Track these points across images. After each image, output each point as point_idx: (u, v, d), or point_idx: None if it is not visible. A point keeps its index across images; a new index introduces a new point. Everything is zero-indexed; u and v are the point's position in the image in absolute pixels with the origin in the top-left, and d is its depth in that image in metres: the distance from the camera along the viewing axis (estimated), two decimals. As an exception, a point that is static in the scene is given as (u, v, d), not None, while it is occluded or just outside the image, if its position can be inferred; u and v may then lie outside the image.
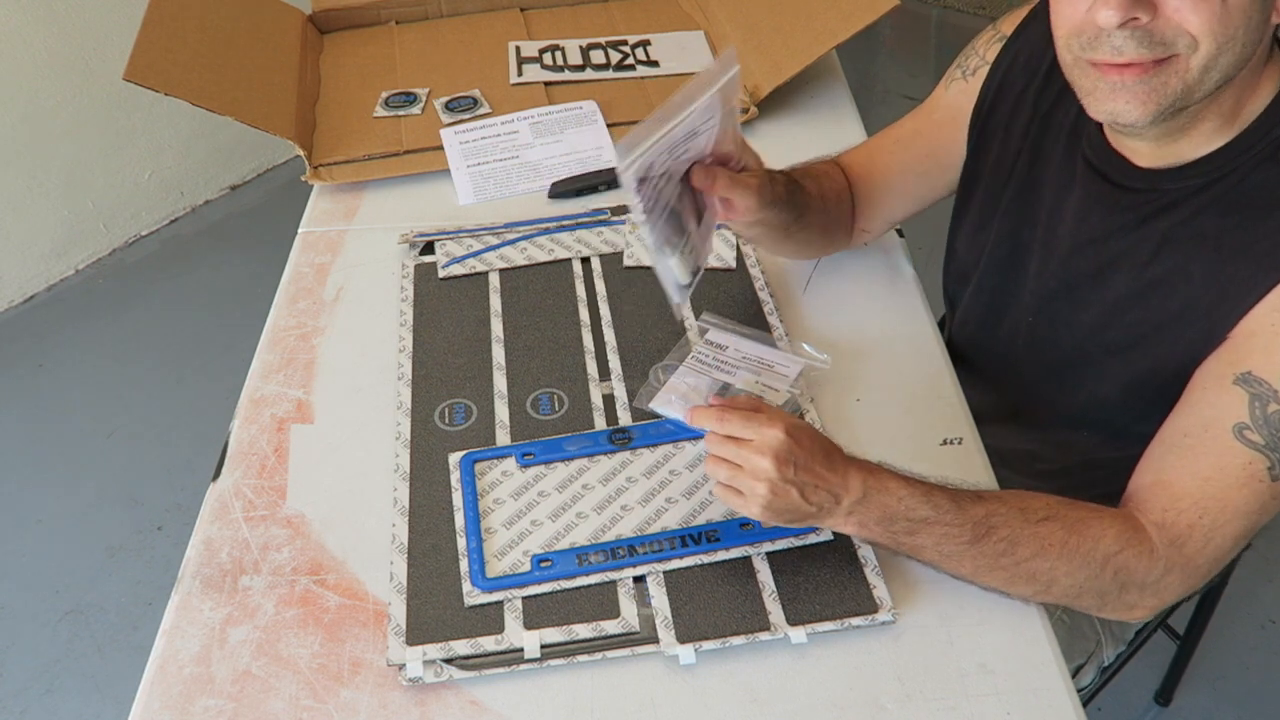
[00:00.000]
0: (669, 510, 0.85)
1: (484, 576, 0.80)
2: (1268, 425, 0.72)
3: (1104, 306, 0.86)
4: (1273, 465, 0.73)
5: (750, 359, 0.96)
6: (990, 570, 0.75)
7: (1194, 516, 0.74)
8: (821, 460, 0.73)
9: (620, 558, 0.81)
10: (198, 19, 1.33)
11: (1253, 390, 0.73)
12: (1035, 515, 0.74)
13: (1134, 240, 0.83)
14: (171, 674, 0.77)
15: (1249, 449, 0.73)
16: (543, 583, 0.80)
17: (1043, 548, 0.73)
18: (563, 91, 1.39)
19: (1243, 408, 0.73)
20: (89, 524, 1.91)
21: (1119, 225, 0.84)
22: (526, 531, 0.84)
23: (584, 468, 0.89)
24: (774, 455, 0.71)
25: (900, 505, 0.73)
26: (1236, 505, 0.73)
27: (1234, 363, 0.75)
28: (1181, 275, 0.80)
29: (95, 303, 2.40)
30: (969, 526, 0.73)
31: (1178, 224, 0.80)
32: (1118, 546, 0.74)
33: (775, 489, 0.72)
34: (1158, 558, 0.74)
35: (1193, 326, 0.79)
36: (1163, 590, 0.76)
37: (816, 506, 0.73)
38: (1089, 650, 1.04)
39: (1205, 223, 0.79)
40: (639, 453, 0.90)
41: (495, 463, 0.90)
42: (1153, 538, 0.74)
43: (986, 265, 0.99)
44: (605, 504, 0.86)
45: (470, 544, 0.83)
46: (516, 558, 0.82)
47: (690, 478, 0.87)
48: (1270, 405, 0.72)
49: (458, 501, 0.87)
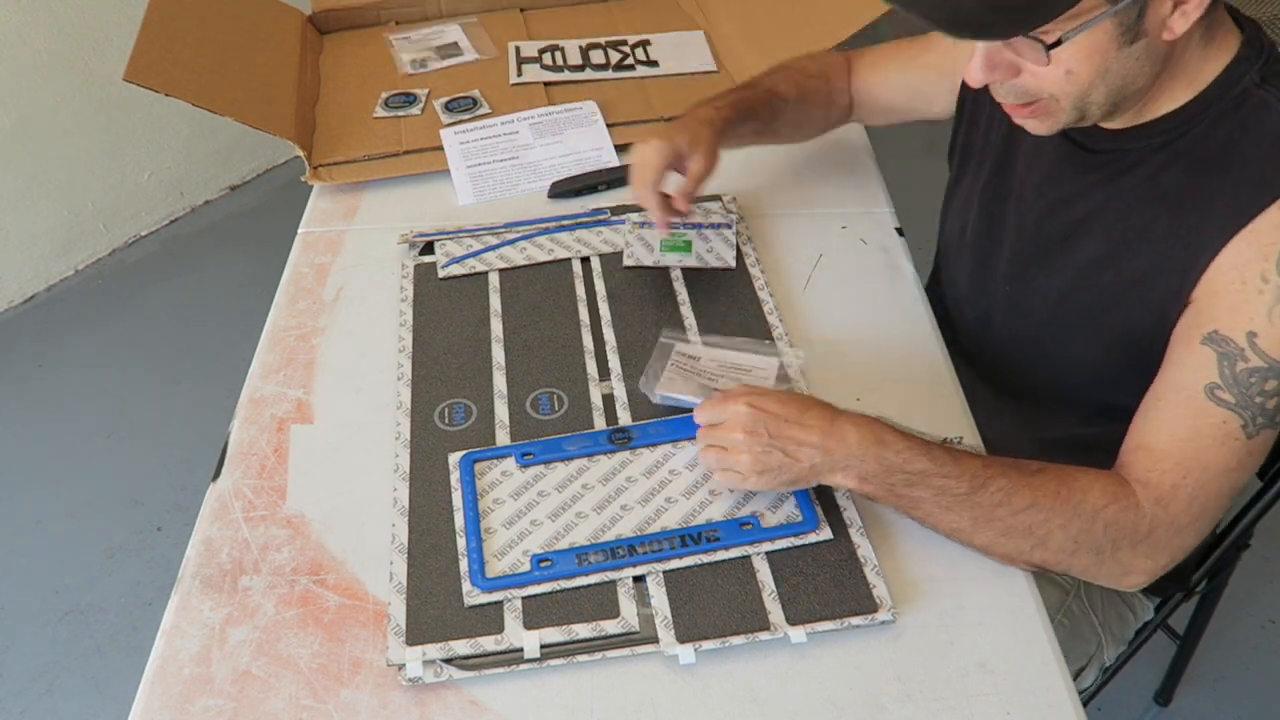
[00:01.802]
0: (669, 510, 0.85)
1: (484, 576, 0.80)
2: (1237, 384, 0.73)
3: (1075, 270, 0.88)
4: (1246, 423, 0.74)
5: (726, 365, 0.96)
6: (988, 522, 0.76)
7: (1177, 477, 0.75)
8: (795, 417, 0.77)
9: (620, 558, 0.81)
10: (198, 19, 1.33)
11: (1220, 349, 0.74)
12: (1028, 468, 0.77)
13: (1100, 200, 0.85)
14: (171, 674, 0.77)
15: (1222, 408, 0.74)
16: (542, 583, 0.80)
17: (1037, 498, 0.75)
18: (563, 91, 1.39)
19: (1212, 367, 0.74)
20: (89, 524, 1.91)
21: (1086, 186, 0.86)
22: (526, 531, 0.84)
23: (584, 467, 0.89)
24: (741, 427, 0.77)
25: (898, 458, 0.75)
26: (1216, 464, 0.75)
27: (1201, 323, 0.76)
28: (1147, 235, 0.81)
29: (95, 303, 2.40)
30: (966, 478, 0.75)
31: (1142, 182, 0.82)
32: (1105, 500, 0.75)
33: (756, 456, 0.77)
34: (1144, 513, 0.75)
35: (1160, 286, 0.80)
36: (1154, 548, 0.76)
37: (809, 463, 0.76)
38: (1089, 652, 1.04)
39: (1167, 180, 0.80)
40: (639, 452, 0.90)
41: (495, 463, 0.90)
42: (1138, 494, 0.76)
43: (971, 237, 1.01)
44: (605, 504, 0.86)
45: (470, 544, 0.83)
46: (516, 558, 0.82)
47: (690, 477, 0.87)
48: (1239, 363, 0.73)
49: (457, 501, 0.87)
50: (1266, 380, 0.73)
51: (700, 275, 1.09)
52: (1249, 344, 0.73)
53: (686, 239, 1.11)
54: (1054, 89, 0.74)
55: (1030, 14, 0.67)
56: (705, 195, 1.19)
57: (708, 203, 1.18)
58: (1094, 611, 1.04)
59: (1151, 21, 0.70)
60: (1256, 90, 0.76)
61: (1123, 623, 1.08)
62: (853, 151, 1.28)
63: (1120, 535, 0.76)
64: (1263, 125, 0.76)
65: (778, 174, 1.24)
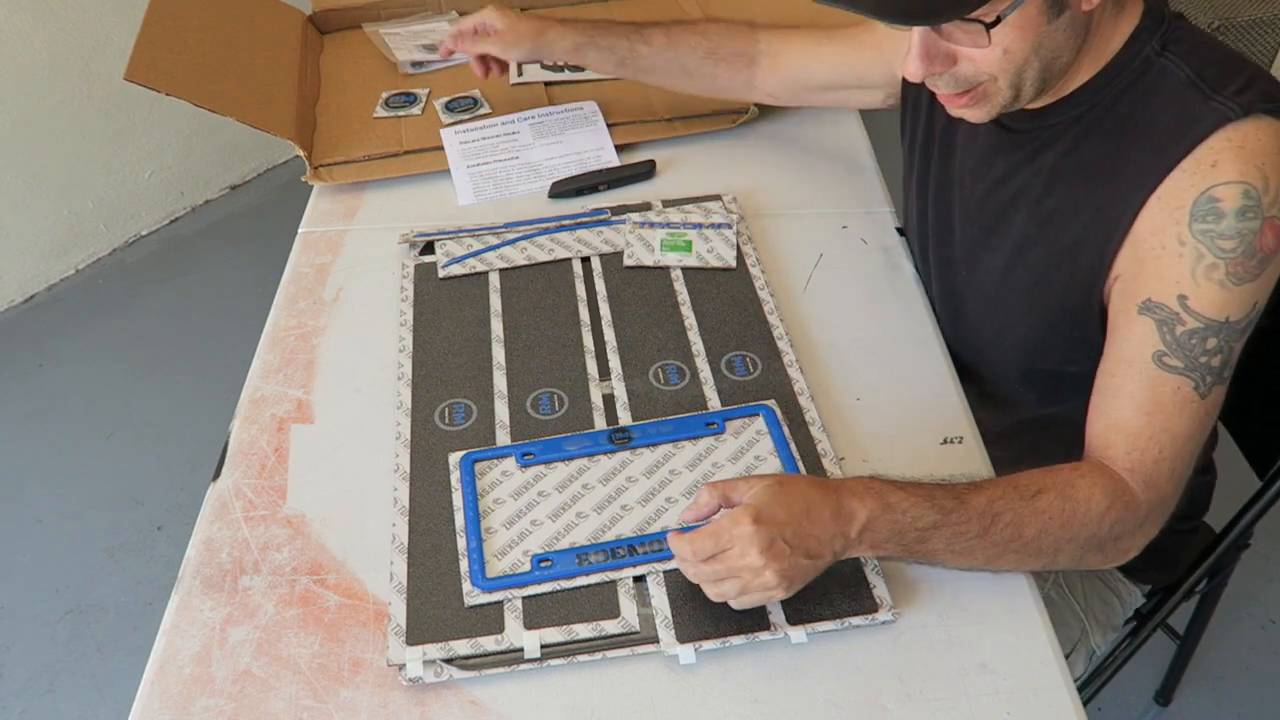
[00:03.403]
0: (669, 510, 0.85)
1: (484, 576, 0.80)
2: (1180, 347, 0.75)
3: (1011, 247, 0.90)
4: (1197, 383, 0.75)
5: None
6: (1002, 555, 0.76)
7: (1155, 452, 0.77)
8: (804, 516, 0.72)
9: (620, 558, 0.81)
10: (198, 19, 1.33)
11: (1157, 316, 0.76)
12: (1028, 491, 0.76)
13: (1027, 176, 0.87)
14: (171, 674, 0.77)
15: (1173, 375, 0.75)
16: (542, 583, 0.80)
17: (1046, 524, 0.75)
18: (563, 92, 1.39)
19: (1154, 335, 0.76)
20: (89, 524, 1.91)
21: (1014, 164, 0.88)
22: (526, 531, 0.84)
23: (584, 467, 0.89)
24: (757, 549, 0.70)
25: (906, 518, 0.74)
26: (1183, 430, 0.76)
27: (1134, 293, 0.77)
28: (1070, 207, 0.83)
29: (95, 303, 2.40)
30: (975, 520, 0.74)
31: (1061, 156, 0.84)
32: (1108, 502, 0.76)
33: (780, 570, 0.71)
34: (1140, 503, 0.77)
35: (1086, 256, 0.82)
36: (1148, 526, 0.79)
37: (831, 552, 0.73)
38: (1074, 638, 1.05)
39: (1084, 153, 0.82)
40: (639, 452, 0.90)
41: (495, 462, 0.90)
42: (1131, 485, 0.77)
43: (931, 232, 1.02)
44: (605, 504, 0.86)
45: (470, 544, 0.83)
46: (516, 558, 0.82)
47: (690, 477, 0.87)
48: (1177, 327, 0.75)
49: (458, 502, 0.87)
50: (1206, 339, 0.74)
51: (700, 275, 1.09)
52: (1181, 307, 0.75)
53: (687, 239, 1.12)
54: (992, 69, 0.76)
55: None
56: (705, 195, 1.19)
57: (708, 202, 1.18)
58: (1074, 597, 1.06)
59: None
60: (1157, 59, 0.78)
61: (1108, 608, 1.08)
62: (853, 151, 1.28)
63: (1123, 529, 0.77)
64: (1162, 92, 0.78)
65: (778, 174, 1.24)
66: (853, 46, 1.10)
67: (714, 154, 1.29)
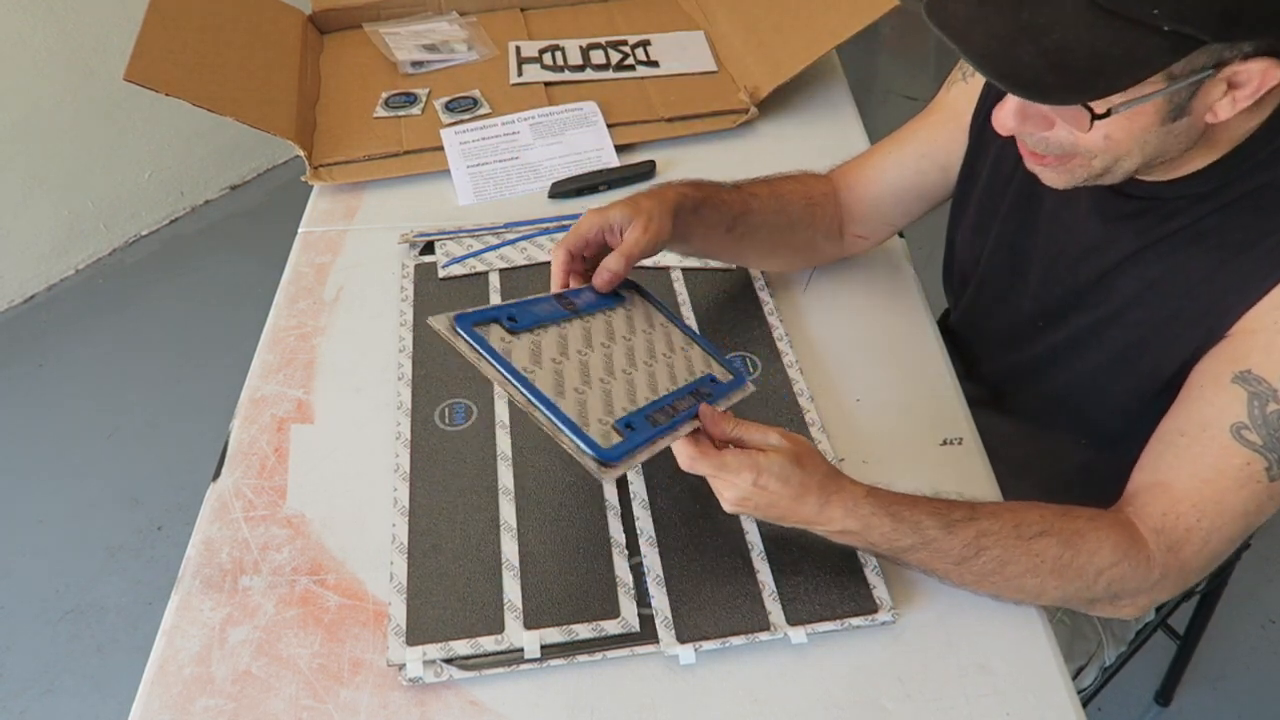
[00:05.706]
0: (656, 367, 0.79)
1: (599, 446, 0.68)
2: (1266, 425, 0.72)
3: (1108, 309, 0.86)
4: (1270, 465, 0.72)
5: None
6: (978, 584, 0.75)
7: (1192, 520, 0.73)
8: (793, 499, 0.72)
9: (674, 415, 0.74)
10: (198, 19, 1.33)
11: (1251, 389, 0.73)
12: (1030, 531, 0.74)
13: (1138, 245, 0.83)
14: (171, 674, 0.77)
15: (1247, 449, 0.72)
16: (655, 441, 0.71)
17: (1035, 565, 0.73)
18: (563, 92, 1.39)
19: (1241, 407, 0.73)
20: (89, 524, 1.91)
21: (1121, 233, 0.84)
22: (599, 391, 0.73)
23: (585, 328, 0.80)
24: (736, 497, 0.71)
25: (882, 539, 0.73)
26: (1234, 507, 0.73)
27: (1233, 361, 0.74)
28: (1181, 274, 0.80)
29: (95, 303, 2.40)
30: (956, 549, 0.73)
31: (1180, 228, 0.80)
32: (1115, 558, 0.73)
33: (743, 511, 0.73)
34: (1154, 565, 0.74)
35: (1193, 325, 0.78)
36: (1155, 592, 0.76)
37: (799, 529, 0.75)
38: (1090, 651, 1.04)
39: (1206, 223, 0.78)
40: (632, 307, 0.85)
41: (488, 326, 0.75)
42: (1150, 545, 0.74)
43: (986, 269, 0.99)
44: (618, 367, 0.77)
45: (551, 414, 0.68)
46: (595, 426, 0.70)
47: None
48: (1269, 404, 0.72)
49: (489, 373, 0.71)
50: None
51: (700, 275, 1.09)
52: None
53: (687, 239, 1.11)
54: (1091, 148, 0.72)
55: (1092, 82, 0.65)
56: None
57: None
58: None
59: (1199, 103, 0.68)
60: None
61: (1123, 624, 1.07)
62: (853, 151, 1.27)
63: (1123, 589, 0.75)
64: None
65: (778, 174, 1.24)
66: (927, 130, 1.02)
67: (714, 154, 1.29)
